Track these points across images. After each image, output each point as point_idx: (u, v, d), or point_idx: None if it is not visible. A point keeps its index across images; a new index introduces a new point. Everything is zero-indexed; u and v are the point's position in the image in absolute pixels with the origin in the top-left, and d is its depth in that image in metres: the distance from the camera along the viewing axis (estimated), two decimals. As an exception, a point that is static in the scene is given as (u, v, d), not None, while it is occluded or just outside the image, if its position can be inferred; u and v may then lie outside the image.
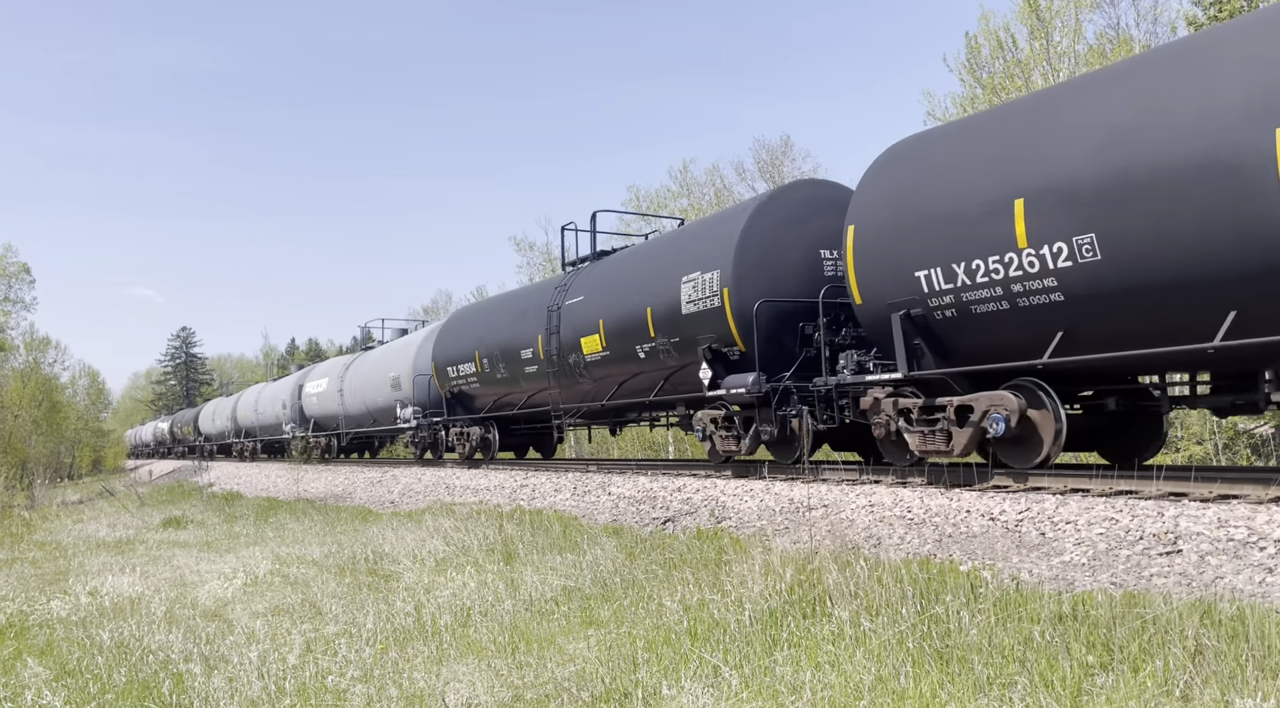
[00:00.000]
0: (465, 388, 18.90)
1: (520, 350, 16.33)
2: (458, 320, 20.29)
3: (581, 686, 4.85)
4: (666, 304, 12.38)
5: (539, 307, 16.04)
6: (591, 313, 14.25)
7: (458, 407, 19.52)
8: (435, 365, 19.91)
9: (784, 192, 12.13)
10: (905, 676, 4.42)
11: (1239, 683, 3.90)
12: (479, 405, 18.88)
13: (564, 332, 14.89)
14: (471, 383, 18.49)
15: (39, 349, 51.39)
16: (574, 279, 15.39)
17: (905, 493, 8.87)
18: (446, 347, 19.62)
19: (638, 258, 14.16)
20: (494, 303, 19.38)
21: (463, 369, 18.68)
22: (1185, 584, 5.58)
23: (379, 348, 26.49)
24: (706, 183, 35.34)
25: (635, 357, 13.27)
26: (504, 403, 17.87)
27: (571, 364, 14.75)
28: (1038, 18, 21.70)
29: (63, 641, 7.09)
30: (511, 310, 17.35)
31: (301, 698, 5.02)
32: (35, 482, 34.01)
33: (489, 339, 17.67)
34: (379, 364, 24.56)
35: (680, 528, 9.90)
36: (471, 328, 18.85)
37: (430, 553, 9.49)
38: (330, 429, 28.95)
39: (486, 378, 17.85)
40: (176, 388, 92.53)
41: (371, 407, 24.55)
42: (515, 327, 16.72)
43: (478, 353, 17.91)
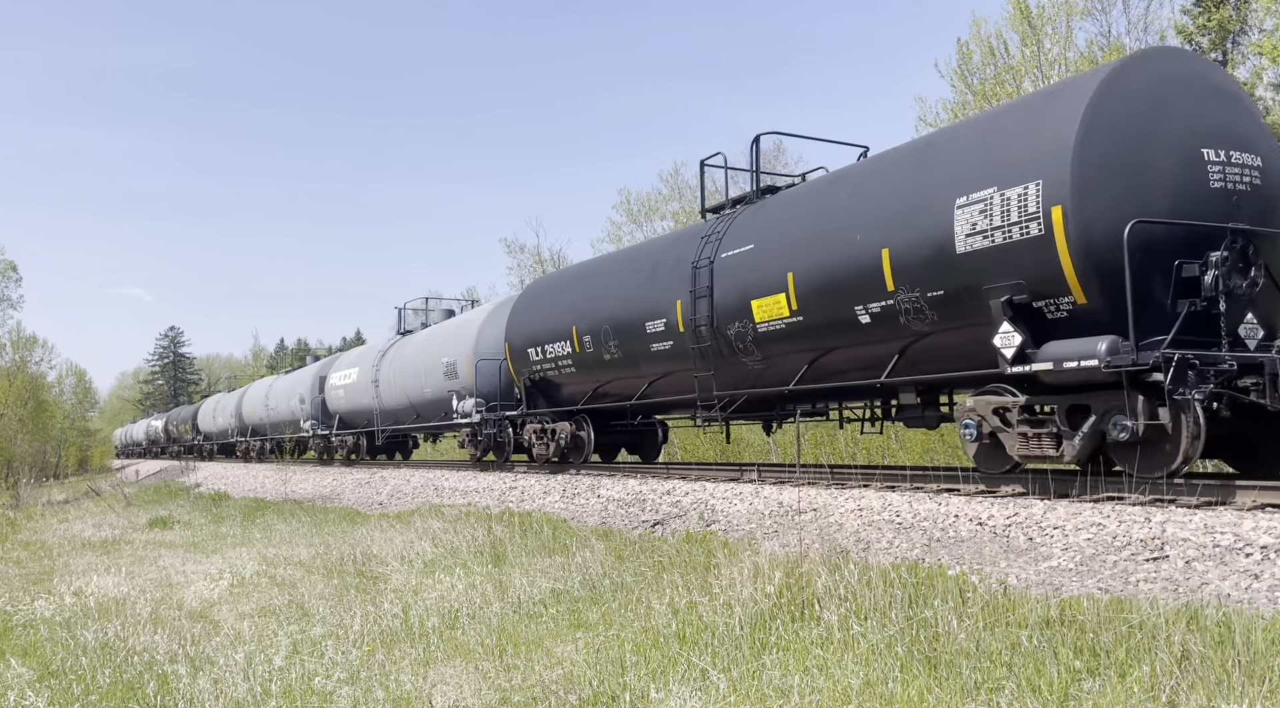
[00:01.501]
0: (552, 374, 15.39)
1: (645, 323, 12.66)
2: (541, 290, 16.72)
3: (569, 688, 4.84)
4: (922, 242, 8.65)
5: (675, 264, 12.34)
6: (769, 266, 10.62)
7: (538, 398, 15.98)
8: (510, 348, 16.37)
9: (1136, 64, 8.10)
10: (893, 680, 4.42)
11: (1225, 689, 3.92)
12: (569, 396, 15.33)
13: (720, 294, 11.35)
14: (563, 368, 14.99)
15: (25, 348, 51.07)
16: (730, 225, 11.75)
17: (894, 497, 8.88)
18: (526, 323, 16.02)
19: (856, 183, 10.01)
20: (597, 266, 15.48)
21: (550, 351, 15.18)
22: (1172, 590, 5.60)
23: (426, 330, 22.43)
24: (697, 186, 35.34)
25: (849, 322, 9.57)
26: (608, 392, 14.43)
27: (731, 337, 11.19)
28: (1029, 24, 21.79)
29: (46, 641, 7.03)
30: (628, 272, 13.67)
31: (287, 700, 4.99)
32: (20, 481, 33.78)
33: (592, 311, 14.02)
34: (427, 349, 20.73)
35: (669, 531, 9.89)
36: (562, 298, 15.27)
37: (418, 555, 9.46)
38: (359, 426, 25.39)
39: (587, 360, 14.26)
40: (164, 388, 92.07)
41: (416, 399, 20.94)
42: (637, 293, 13.08)
43: (575, 329, 14.28)
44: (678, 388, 12.75)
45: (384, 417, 23.31)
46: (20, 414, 44.65)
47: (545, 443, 15.72)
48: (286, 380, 32.54)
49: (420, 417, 21.33)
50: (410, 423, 22.12)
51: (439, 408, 19.84)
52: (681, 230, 14.51)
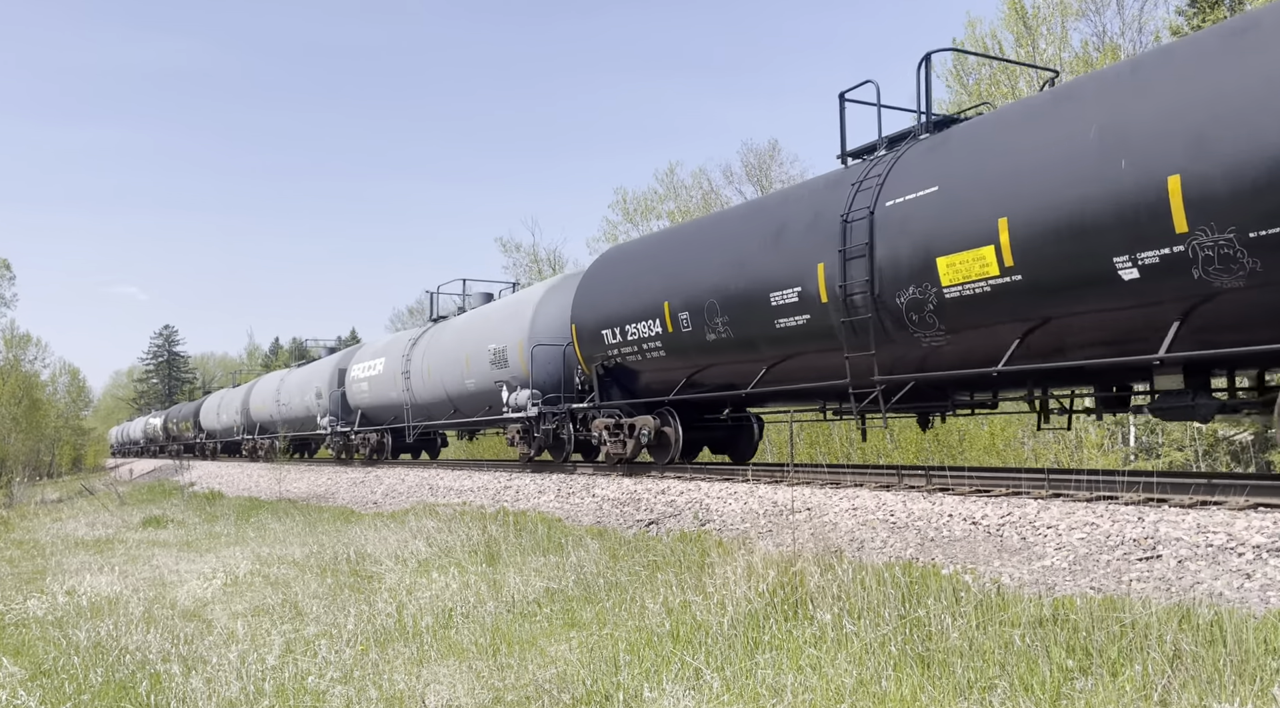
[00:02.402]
0: (633, 360, 13.16)
1: (769, 295, 10.38)
2: (620, 261, 14.17)
3: (562, 688, 4.84)
4: (1243, 161, 6.43)
5: (813, 220, 10.06)
6: (967, 212, 8.32)
7: (613, 388, 13.83)
8: (577, 330, 14.10)
9: None
10: (886, 678, 4.43)
11: (1217, 688, 3.93)
12: (654, 385, 13.18)
13: (886, 253, 9.07)
14: (649, 352, 12.75)
15: (19, 346, 50.97)
16: (893, 167, 9.43)
17: (888, 497, 8.90)
18: (599, 301, 13.72)
19: (1111, 92, 7.59)
20: (696, 229, 13.00)
21: (632, 332, 12.90)
22: (1164, 589, 5.61)
23: (466, 315, 19.98)
24: (694, 185, 35.40)
25: (1101, 279, 7.35)
26: (706, 380, 12.24)
27: (901, 307, 8.99)
28: (1024, 24, 21.85)
29: (39, 640, 7.02)
30: (742, 235, 11.31)
31: (280, 699, 4.99)
32: (14, 480, 33.69)
33: (691, 284, 11.77)
34: (468, 336, 18.36)
35: (664, 530, 9.89)
36: (649, 270, 12.91)
37: (413, 554, 9.45)
38: (384, 423, 23.04)
39: (682, 343, 12.05)
40: (159, 386, 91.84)
41: (455, 391, 18.56)
42: (756, 258, 10.72)
43: (667, 307, 12.10)
44: (810, 373, 10.52)
45: (415, 412, 20.78)
46: (14, 413, 44.54)
47: (620, 440, 13.49)
48: (301, 373, 30.06)
49: (459, 411, 18.94)
50: (446, 418, 19.65)
51: (482, 401, 17.63)
52: (812, 181, 11.44)
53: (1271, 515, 6.25)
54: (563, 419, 15.24)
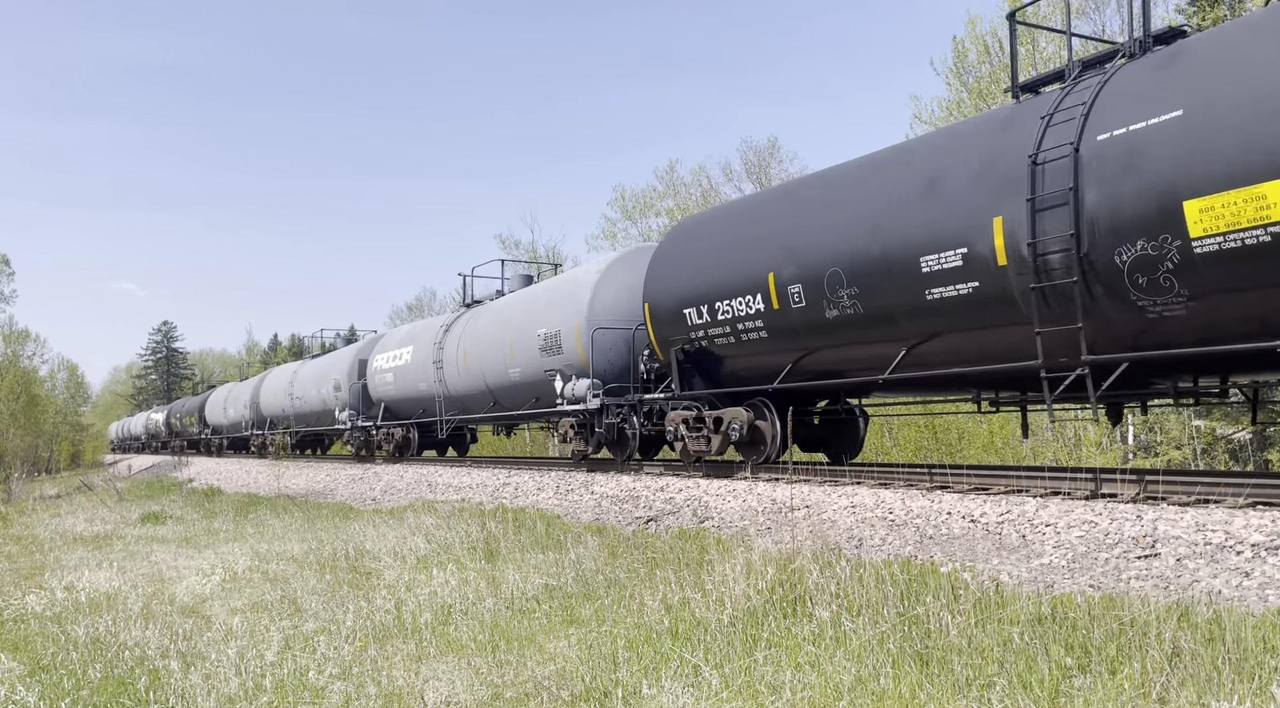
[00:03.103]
0: (723, 343, 11.37)
1: (920, 259, 8.63)
2: (706, 228, 12.35)
3: (561, 684, 4.84)
4: None
5: (982, 165, 8.33)
6: (1231, 139, 6.61)
7: (694, 376, 12.08)
8: (651, 310, 12.46)
9: None
10: (885, 676, 4.43)
11: (1215, 686, 3.93)
12: (748, 371, 11.40)
13: (1100, 199, 7.35)
14: (745, 333, 10.96)
15: (17, 342, 50.88)
16: (1100, 91, 7.71)
17: (887, 495, 8.90)
18: (679, 275, 12.00)
19: None
20: (810, 186, 10.91)
21: (724, 311, 11.12)
22: (1163, 587, 5.61)
23: (510, 298, 18.06)
24: (693, 183, 35.40)
25: None
26: (818, 365, 10.45)
27: (1121, 268, 7.25)
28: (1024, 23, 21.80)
29: (37, 636, 7.02)
30: (877, 187, 9.47)
31: (279, 695, 4.99)
32: (12, 476, 33.67)
33: (806, 249, 9.98)
34: (512, 320, 16.50)
35: (663, 527, 9.90)
36: (746, 236, 11.10)
37: (411, 550, 9.45)
38: (411, 416, 21.34)
39: (791, 321, 10.26)
40: (157, 382, 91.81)
41: (497, 382, 16.93)
42: (901, 215, 8.97)
43: (771, 279, 10.33)
44: (968, 353, 8.74)
45: (449, 404, 19.06)
46: (12, 408, 44.49)
47: (702, 436, 11.83)
48: (316, 365, 28.02)
49: (499, 404, 17.26)
50: (485, 411, 17.87)
51: (527, 393, 16.00)
52: (969, 123, 9.51)
53: (1270, 514, 6.26)
54: (628, 412, 13.52)
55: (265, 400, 32.18)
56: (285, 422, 30.14)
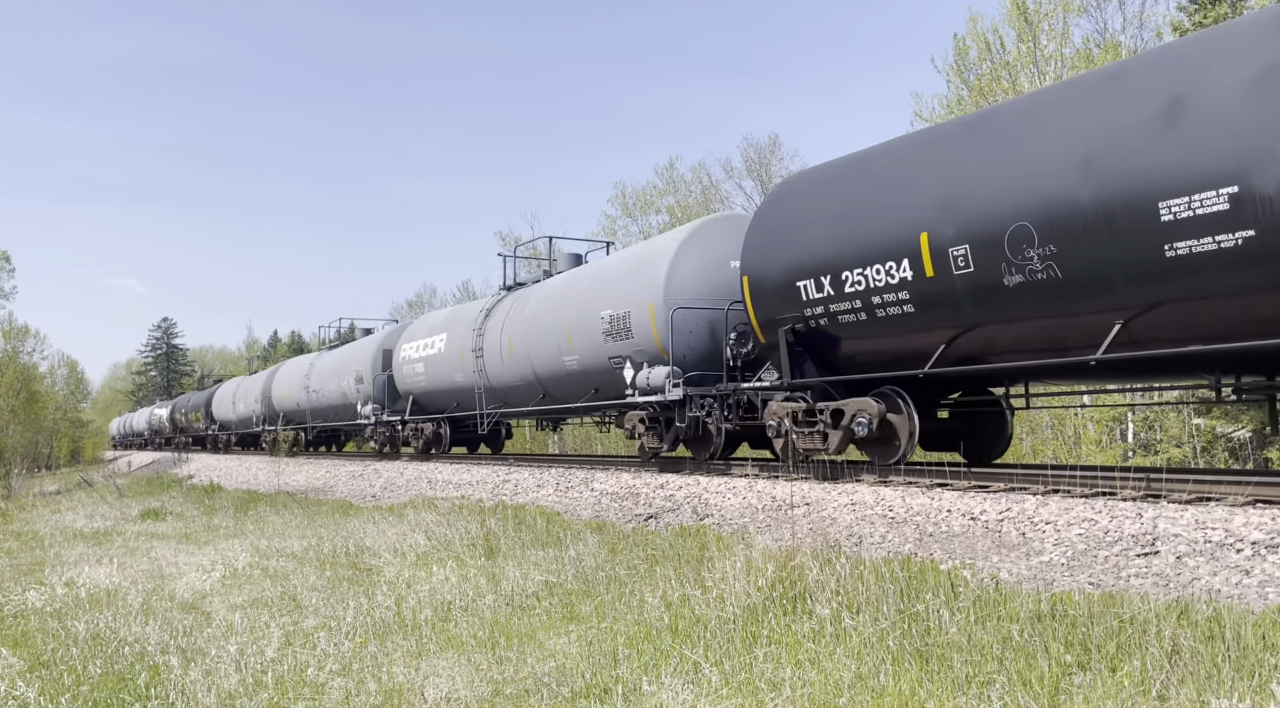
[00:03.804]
0: (848, 321, 9.68)
1: (1159, 205, 6.92)
2: (821, 185, 10.37)
3: (561, 681, 4.84)
4: None
5: (1262, 74, 6.56)
6: None
7: (805, 362, 10.40)
8: (752, 284, 10.69)
9: None
10: (885, 673, 4.44)
11: (1215, 684, 3.94)
12: (880, 354, 9.70)
13: None
14: (884, 306, 9.19)
15: (17, 338, 50.89)
16: None
17: (887, 492, 8.91)
18: (789, 242, 10.28)
19: None
20: (965, 127, 9.06)
21: (853, 282, 9.39)
22: (1162, 585, 5.62)
23: (563, 277, 16.20)
24: (693, 180, 35.41)
25: None
26: (981, 345, 8.71)
27: None
28: (1025, 21, 21.82)
29: (37, 632, 7.02)
30: (1084, 118, 7.66)
31: (279, 691, 4.99)
32: (12, 472, 33.68)
33: (974, 200, 8.29)
34: (569, 302, 14.74)
35: (663, 525, 9.90)
36: (885, 189, 9.35)
37: (411, 547, 9.45)
38: (443, 410, 19.65)
39: (950, 290, 8.54)
40: (157, 379, 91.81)
41: (549, 372, 15.21)
42: (1121, 148, 7.23)
43: (925, 239, 8.61)
44: (1217, 325, 6.99)
45: (490, 396, 17.40)
46: (12, 405, 44.52)
47: (817, 432, 10.16)
48: (335, 356, 26.27)
49: (550, 396, 15.61)
50: (533, 404, 16.24)
51: (586, 383, 14.37)
52: (1220, 29, 7.35)
53: (1270, 512, 6.26)
54: (713, 404, 11.95)
55: (278, 394, 30.60)
56: (300, 416, 28.47)
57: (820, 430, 10.18)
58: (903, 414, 9.53)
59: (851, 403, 9.85)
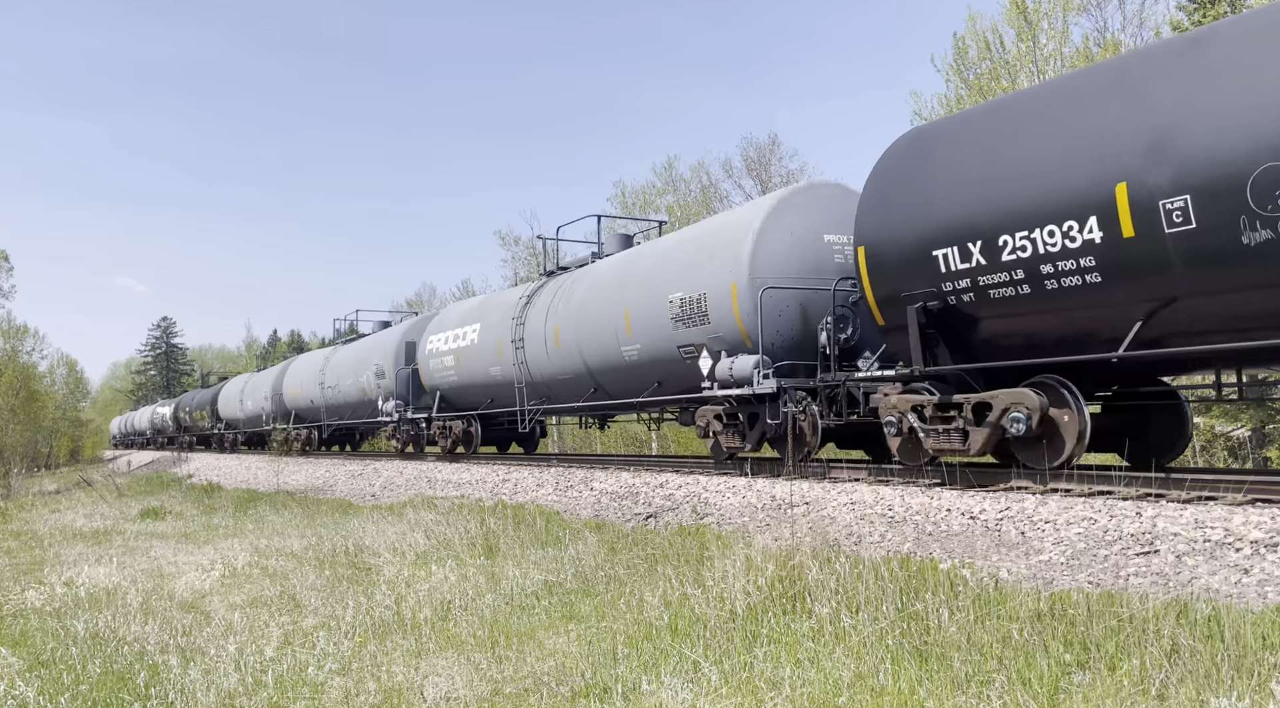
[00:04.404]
0: (1002, 296, 8.18)
1: None
2: (963, 135, 8.81)
3: (561, 680, 4.84)
4: None
5: None
6: None
7: (937, 345, 8.84)
8: (870, 256, 9.19)
9: None
10: (884, 673, 4.44)
11: (1214, 682, 3.94)
12: (1043, 335, 8.19)
13: None
14: (1057, 276, 7.70)
15: (16, 337, 50.87)
16: None
17: (886, 491, 8.91)
18: (928, 201, 8.69)
19: None
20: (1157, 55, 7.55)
21: (1014, 247, 7.89)
22: (1162, 584, 5.62)
23: (620, 257, 14.68)
24: (692, 179, 35.42)
25: None
26: (1184, 320, 7.29)
27: None
28: (1025, 20, 21.82)
29: (37, 631, 7.02)
30: None
31: (279, 690, 4.99)
32: (11, 471, 33.67)
33: (1201, 136, 6.76)
34: (629, 284, 13.33)
35: (663, 524, 9.90)
36: (1061, 131, 7.72)
37: (411, 546, 9.45)
38: (474, 406, 18.22)
39: (1158, 251, 7.07)
40: (156, 378, 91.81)
41: (603, 363, 13.76)
42: None
43: (1123, 191, 7.17)
44: None
45: (532, 391, 15.99)
46: (11, 404, 44.53)
47: (955, 429, 8.71)
48: (353, 350, 24.77)
49: (602, 389, 14.21)
50: (583, 399, 14.69)
51: (649, 374, 12.97)
52: None
53: (1269, 511, 6.26)
54: (806, 399, 10.64)
55: (290, 391, 29.10)
56: (314, 414, 27.02)
57: (959, 428, 8.67)
58: (1069, 409, 8.02)
59: (1002, 395, 8.30)
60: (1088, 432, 8.01)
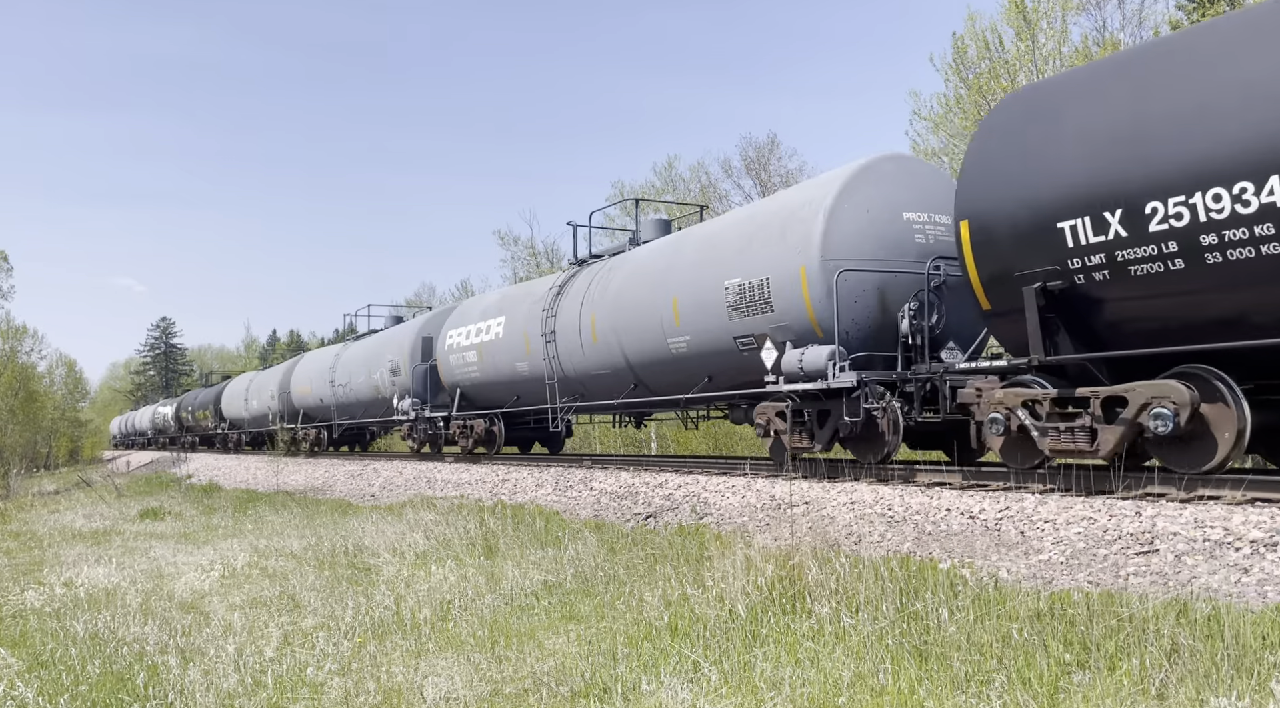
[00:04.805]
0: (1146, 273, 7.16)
1: None
2: (1091, 87, 7.67)
3: (561, 681, 4.84)
4: None
5: None
6: None
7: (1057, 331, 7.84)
8: (974, 230, 8.20)
9: None
10: (884, 672, 4.43)
11: (1214, 682, 3.94)
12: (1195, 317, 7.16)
13: None
14: (1228, 249, 6.68)
15: (15, 338, 50.88)
16: None
17: (886, 491, 8.91)
18: (1050, 165, 7.65)
19: None
20: None
21: (1171, 215, 6.89)
22: (1161, 584, 5.62)
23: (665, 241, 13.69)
24: (691, 179, 35.41)
25: None
26: None
27: None
28: (1024, 19, 21.81)
29: (36, 632, 7.01)
30: None
31: (278, 691, 4.99)
32: (10, 472, 33.65)
33: None
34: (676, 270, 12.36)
35: (662, 524, 9.90)
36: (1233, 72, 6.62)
37: (410, 546, 9.45)
38: (499, 404, 17.37)
39: None
40: (156, 378, 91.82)
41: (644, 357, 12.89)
42: None
43: None
44: None
45: (565, 387, 15.00)
46: (10, 405, 44.52)
47: (1078, 429, 7.67)
48: (366, 346, 23.92)
49: (644, 385, 13.30)
50: (622, 396, 13.77)
51: (699, 368, 11.97)
52: None
53: (1269, 510, 6.27)
54: (886, 395, 9.64)
55: (298, 389, 28.08)
56: (324, 413, 25.96)
57: (1085, 426, 7.58)
58: (1224, 404, 6.94)
59: (1141, 388, 7.22)
60: (1248, 431, 6.92)
